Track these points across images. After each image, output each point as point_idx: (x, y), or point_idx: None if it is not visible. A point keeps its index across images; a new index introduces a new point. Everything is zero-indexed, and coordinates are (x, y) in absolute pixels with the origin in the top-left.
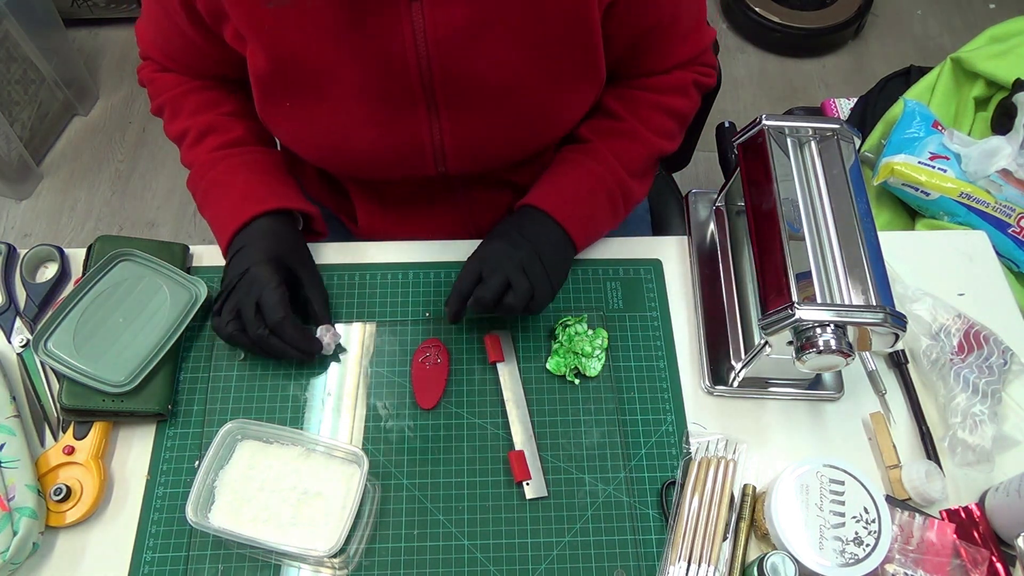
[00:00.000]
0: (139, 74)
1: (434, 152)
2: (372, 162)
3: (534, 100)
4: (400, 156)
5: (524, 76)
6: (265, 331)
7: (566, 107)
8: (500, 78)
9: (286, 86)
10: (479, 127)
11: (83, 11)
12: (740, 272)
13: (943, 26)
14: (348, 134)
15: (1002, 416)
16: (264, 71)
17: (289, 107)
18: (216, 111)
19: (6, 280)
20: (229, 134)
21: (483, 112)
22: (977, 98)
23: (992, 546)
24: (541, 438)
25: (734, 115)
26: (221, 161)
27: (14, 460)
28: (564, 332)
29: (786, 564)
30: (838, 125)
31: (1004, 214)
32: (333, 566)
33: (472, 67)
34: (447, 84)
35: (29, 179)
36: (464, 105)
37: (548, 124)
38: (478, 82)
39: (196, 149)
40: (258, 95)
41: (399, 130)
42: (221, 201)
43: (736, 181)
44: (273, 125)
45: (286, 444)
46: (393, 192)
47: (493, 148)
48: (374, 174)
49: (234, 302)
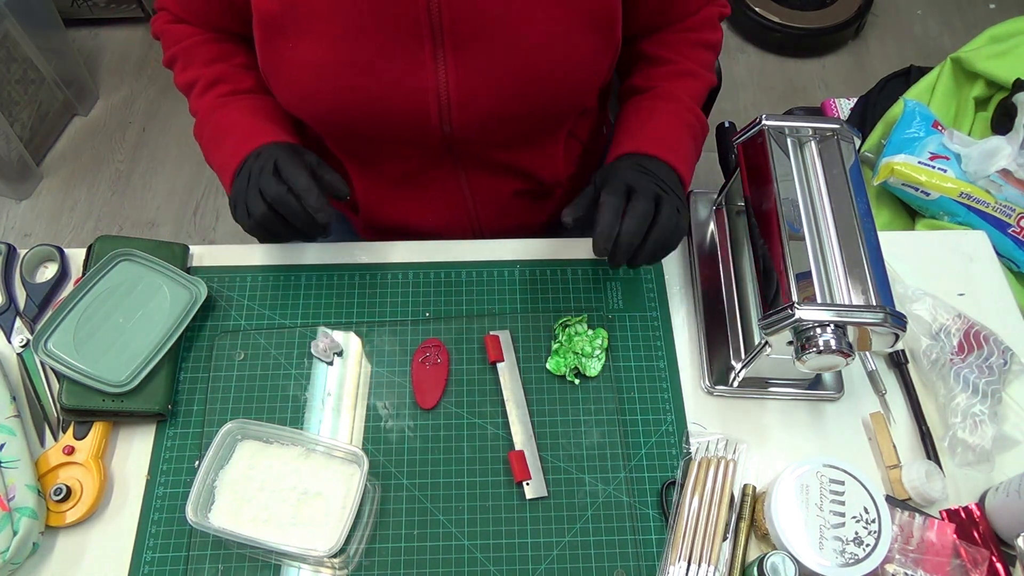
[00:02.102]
0: (152, 25)
1: (439, 103)
2: (374, 115)
3: (545, 50)
4: (404, 107)
5: (537, 20)
6: (283, 187)
7: (578, 66)
8: (511, 19)
9: (291, 25)
10: (486, 74)
11: (83, 11)
12: (740, 272)
13: (943, 26)
14: (351, 78)
15: (1002, 416)
16: (271, 10)
17: (291, 48)
18: (228, 62)
19: (6, 280)
20: (239, 84)
21: (491, 57)
22: (977, 98)
23: (992, 546)
24: (541, 438)
25: (734, 115)
26: (227, 104)
27: (14, 460)
28: (564, 332)
29: (786, 564)
30: (838, 125)
31: (1004, 214)
32: (333, 566)
33: (483, 4)
34: (456, 21)
35: (29, 179)
36: (473, 48)
37: (558, 83)
38: (487, 20)
39: (205, 97)
40: (261, 38)
41: (404, 74)
42: (225, 140)
43: (736, 181)
44: (274, 75)
45: (286, 444)
46: (393, 171)
47: (499, 102)
48: (374, 129)
49: (246, 174)
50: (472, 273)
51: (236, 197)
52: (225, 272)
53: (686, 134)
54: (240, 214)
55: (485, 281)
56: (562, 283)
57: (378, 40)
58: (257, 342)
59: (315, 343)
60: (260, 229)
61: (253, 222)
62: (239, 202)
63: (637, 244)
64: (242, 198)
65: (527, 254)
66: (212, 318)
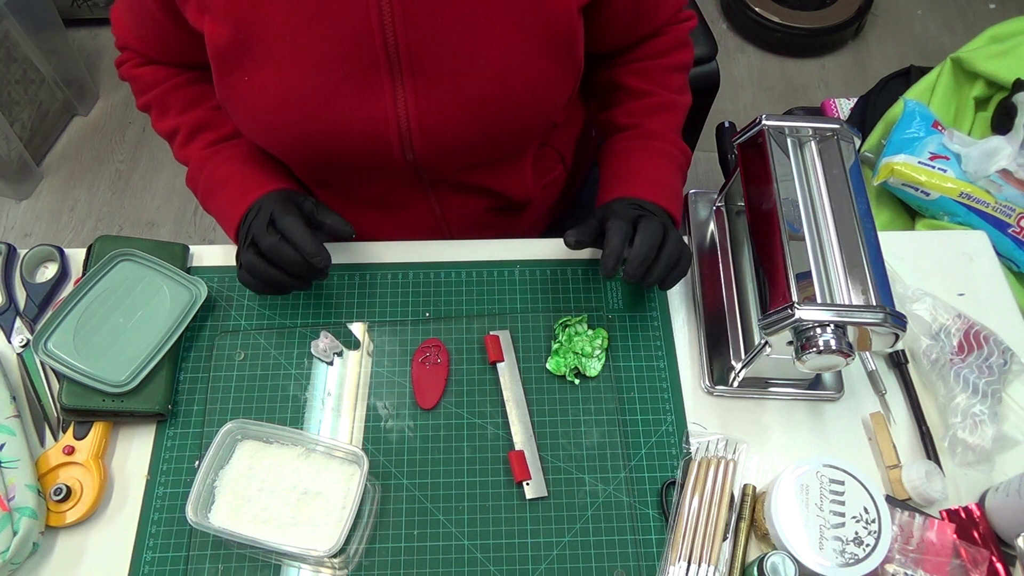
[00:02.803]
0: (119, 69)
1: (400, 132)
2: (336, 146)
3: (505, 77)
4: (364, 136)
5: (495, 48)
6: (276, 238)
7: (539, 91)
8: (468, 47)
9: (245, 56)
10: (446, 103)
11: (83, 11)
12: (740, 272)
13: (943, 26)
14: (309, 109)
15: (1002, 416)
16: (224, 41)
17: (247, 81)
18: (204, 106)
19: (6, 280)
20: (221, 130)
21: (450, 86)
22: (977, 98)
23: (992, 546)
24: (541, 438)
25: (734, 115)
26: (216, 155)
27: (14, 460)
28: (564, 332)
29: (786, 564)
30: (838, 125)
31: (1004, 214)
32: (333, 566)
33: (441, 32)
34: (413, 50)
35: (29, 179)
36: (432, 77)
37: (520, 108)
38: (445, 49)
39: (189, 147)
40: (217, 71)
41: (363, 105)
42: (222, 192)
43: (736, 181)
44: (232, 105)
45: (286, 444)
46: (361, 194)
47: (462, 130)
48: (337, 159)
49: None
50: (472, 273)
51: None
52: (225, 272)
53: (676, 174)
54: (239, 272)
55: (485, 281)
56: (562, 283)
57: (334, 70)
58: (257, 342)
59: (315, 343)
60: (259, 283)
61: (251, 277)
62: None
63: (652, 258)
64: (240, 255)
65: (527, 254)
66: (212, 318)
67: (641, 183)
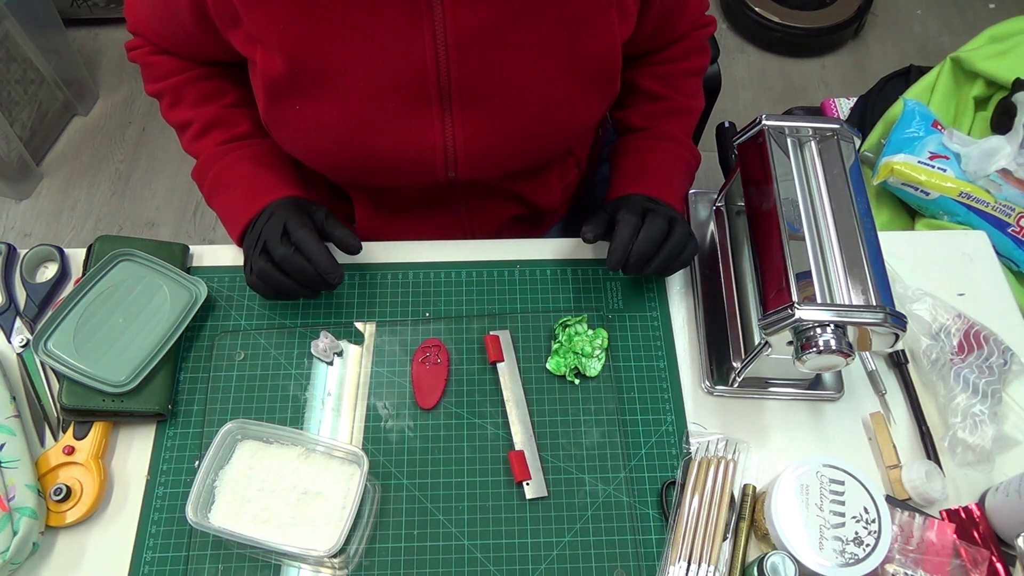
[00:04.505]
0: (129, 52)
1: (446, 157)
2: (382, 168)
3: (548, 110)
4: (411, 161)
5: (541, 85)
6: (290, 249)
7: (579, 118)
8: (518, 82)
9: (300, 87)
10: (492, 133)
11: (83, 11)
12: (740, 272)
13: (943, 26)
14: (360, 137)
15: (1002, 416)
16: (279, 73)
17: (299, 110)
18: (219, 102)
19: (6, 280)
20: (235, 128)
21: (496, 118)
22: (977, 98)
23: (992, 546)
24: (541, 438)
25: (734, 115)
26: (229, 153)
27: (14, 460)
28: (564, 332)
29: (786, 564)
30: (838, 125)
31: (1004, 214)
32: (333, 566)
33: (491, 70)
34: (463, 86)
35: (29, 179)
36: (479, 109)
37: (560, 133)
38: (495, 85)
39: (201, 141)
40: (266, 98)
41: (412, 133)
42: (230, 193)
43: (736, 181)
44: (278, 129)
45: (286, 444)
46: (394, 197)
47: (504, 156)
48: (383, 181)
49: (255, 236)
50: (472, 273)
51: (245, 258)
52: (225, 272)
53: (684, 174)
54: (249, 276)
55: (485, 281)
56: (562, 283)
57: (388, 103)
58: (257, 342)
59: (315, 343)
60: (270, 289)
61: (262, 284)
62: (248, 263)
63: (652, 254)
64: (251, 260)
65: (527, 254)
66: (212, 318)
67: (652, 181)
